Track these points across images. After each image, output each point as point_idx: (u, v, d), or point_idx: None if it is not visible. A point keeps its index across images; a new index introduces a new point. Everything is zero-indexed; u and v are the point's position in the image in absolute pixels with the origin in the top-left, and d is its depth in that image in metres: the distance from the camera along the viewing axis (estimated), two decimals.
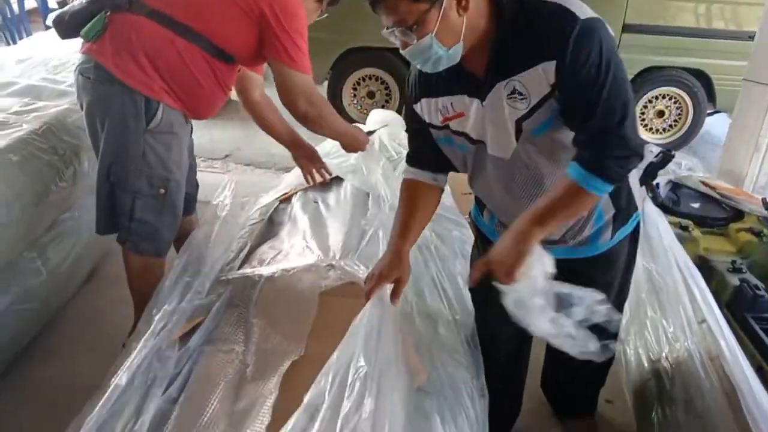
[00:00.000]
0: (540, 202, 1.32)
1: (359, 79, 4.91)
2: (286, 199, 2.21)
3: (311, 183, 2.29)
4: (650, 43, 4.44)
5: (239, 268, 1.78)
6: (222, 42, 1.90)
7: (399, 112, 4.09)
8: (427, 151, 1.54)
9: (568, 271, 1.72)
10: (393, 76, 4.75)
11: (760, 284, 1.93)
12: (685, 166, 2.86)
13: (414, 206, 1.55)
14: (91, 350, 2.25)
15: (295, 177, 2.40)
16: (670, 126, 4.82)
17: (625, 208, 1.54)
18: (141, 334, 1.39)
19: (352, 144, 2.27)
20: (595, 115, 1.23)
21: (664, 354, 1.73)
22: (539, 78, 1.24)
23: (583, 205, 1.33)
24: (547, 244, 1.54)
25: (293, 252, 1.84)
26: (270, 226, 2.07)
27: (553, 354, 1.89)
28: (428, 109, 1.45)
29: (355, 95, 4.97)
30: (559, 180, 1.32)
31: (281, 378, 1.29)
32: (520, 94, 1.28)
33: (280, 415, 1.11)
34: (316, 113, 2.02)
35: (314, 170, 2.31)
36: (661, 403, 1.68)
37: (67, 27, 1.94)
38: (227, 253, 1.84)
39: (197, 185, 2.42)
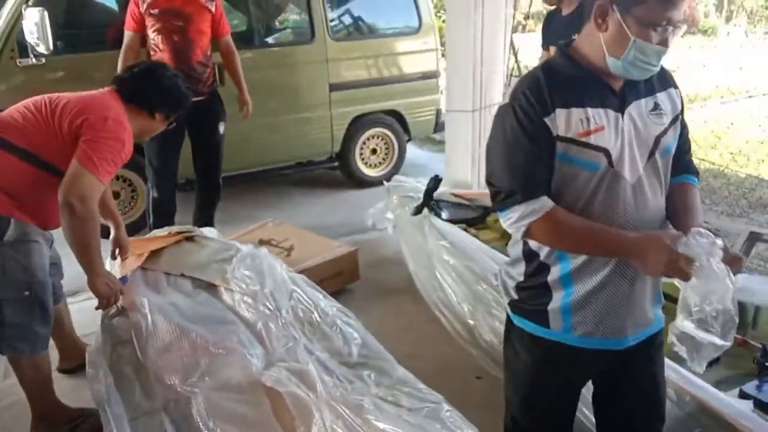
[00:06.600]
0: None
1: None
2: None
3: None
4: (353, 96, 5.23)
5: None
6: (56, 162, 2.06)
7: None
8: (543, 171, 1.39)
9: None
10: None
11: None
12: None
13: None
14: None
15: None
16: (383, 159, 5.67)
17: None
18: None
19: (93, 282, 2.06)
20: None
21: None
22: (671, 99, 1.47)
23: None
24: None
25: None
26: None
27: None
28: (565, 120, 1.36)
29: None
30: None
31: None
32: (661, 109, 1.44)
33: None
34: (80, 214, 1.94)
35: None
36: None
37: None
38: None
39: (62, 275, 2.49)
